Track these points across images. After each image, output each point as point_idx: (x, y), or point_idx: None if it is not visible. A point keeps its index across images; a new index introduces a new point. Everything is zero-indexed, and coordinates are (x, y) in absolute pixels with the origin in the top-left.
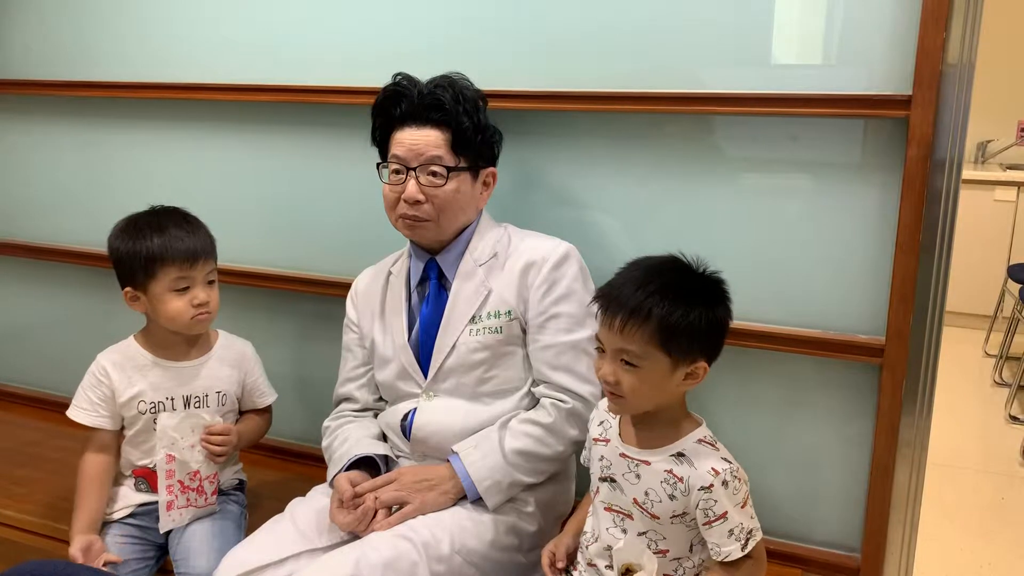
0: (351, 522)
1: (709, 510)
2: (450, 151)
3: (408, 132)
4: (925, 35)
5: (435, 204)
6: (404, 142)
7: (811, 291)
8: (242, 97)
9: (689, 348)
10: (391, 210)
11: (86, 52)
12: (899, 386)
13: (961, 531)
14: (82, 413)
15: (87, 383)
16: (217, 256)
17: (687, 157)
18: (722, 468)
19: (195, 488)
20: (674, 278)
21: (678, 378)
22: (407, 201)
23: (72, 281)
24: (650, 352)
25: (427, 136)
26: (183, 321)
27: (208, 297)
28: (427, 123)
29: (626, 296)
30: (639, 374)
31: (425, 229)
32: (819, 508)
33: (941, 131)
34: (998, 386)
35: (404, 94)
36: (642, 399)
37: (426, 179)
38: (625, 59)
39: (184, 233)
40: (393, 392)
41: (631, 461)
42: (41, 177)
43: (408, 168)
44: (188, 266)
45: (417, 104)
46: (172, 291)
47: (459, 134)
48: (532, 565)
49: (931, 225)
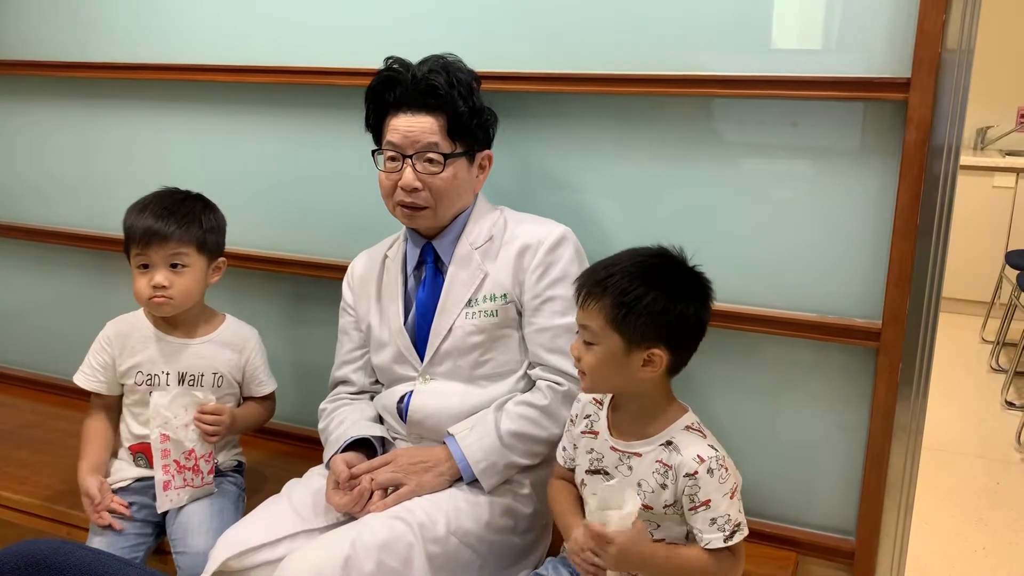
0: (347, 503)
1: (694, 496)
2: (446, 137)
3: (403, 119)
4: (925, 18)
5: (432, 191)
6: (399, 129)
7: (808, 275)
8: (240, 78)
9: (643, 332)
10: (388, 197)
11: (82, 33)
12: (895, 370)
13: (956, 515)
14: (82, 376)
15: (92, 348)
16: (211, 244)
17: (687, 141)
18: (708, 455)
19: (191, 468)
20: (645, 262)
21: (635, 363)
22: (404, 189)
23: (69, 263)
24: (605, 330)
25: (422, 123)
26: (141, 301)
27: (166, 281)
28: (422, 109)
29: (592, 275)
30: (596, 352)
31: (423, 217)
32: (814, 491)
33: (940, 115)
34: (995, 372)
35: (397, 79)
36: (600, 379)
37: (422, 166)
38: (625, 42)
39: (155, 215)
40: (389, 375)
41: (622, 454)
42: (37, 159)
43: (404, 155)
44: (143, 245)
45: (411, 90)
46: (136, 268)
47: (454, 119)
48: (527, 546)
49: (929, 210)
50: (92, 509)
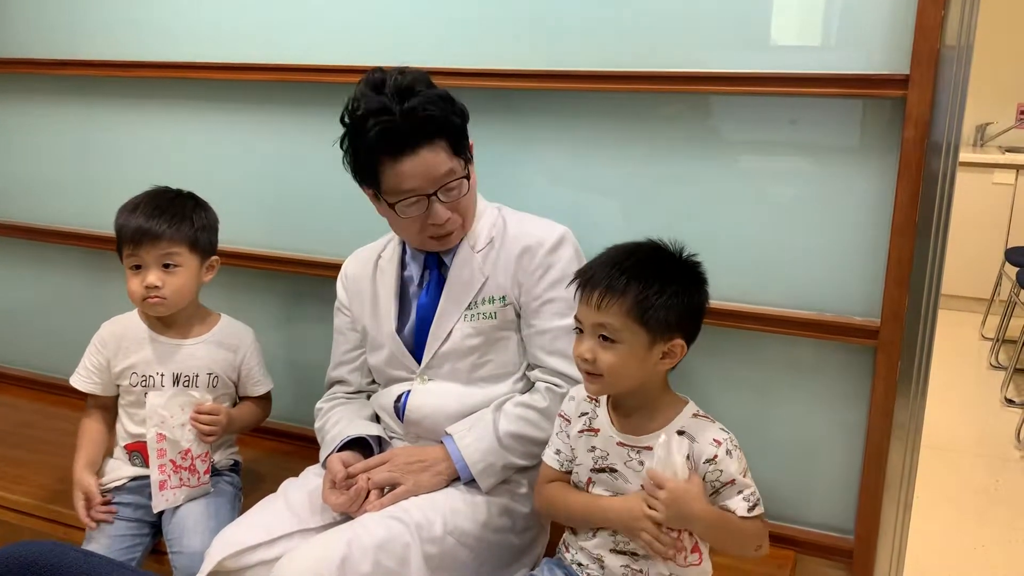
0: (344, 503)
1: (716, 480)
2: (453, 157)
3: (409, 163)
4: (923, 14)
5: (460, 212)
6: (415, 174)
7: (806, 273)
8: (235, 76)
9: (666, 323)
10: (416, 235)
11: (74, 31)
12: (894, 368)
13: (955, 513)
14: (78, 378)
15: (88, 350)
16: (203, 243)
17: (685, 139)
18: (723, 438)
19: (187, 467)
20: (650, 257)
21: (655, 356)
22: (437, 224)
23: (65, 262)
24: (628, 326)
25: (430, 157)
26: (135, 301)
27: (159, 281)
28: (423, 143)
29: (603, 273)
30: (617, 350)
31: (455, 238)
32: (813, 490)
33: (939, 112)
34: (994, 369)
35: (387, 127)
36: (619, 377)
37: (447, 196)
38: (624, 39)
39: (146, 215)
40: (385, 376)
41: (631, 449)
42: (33, 157)
43: (427, 195)
44: (134, 245)
45: (406, 131)
46: (128, 268)
47: (454, 138)
48: (525, 546)
49: (928, 207)
50: (83, 508)
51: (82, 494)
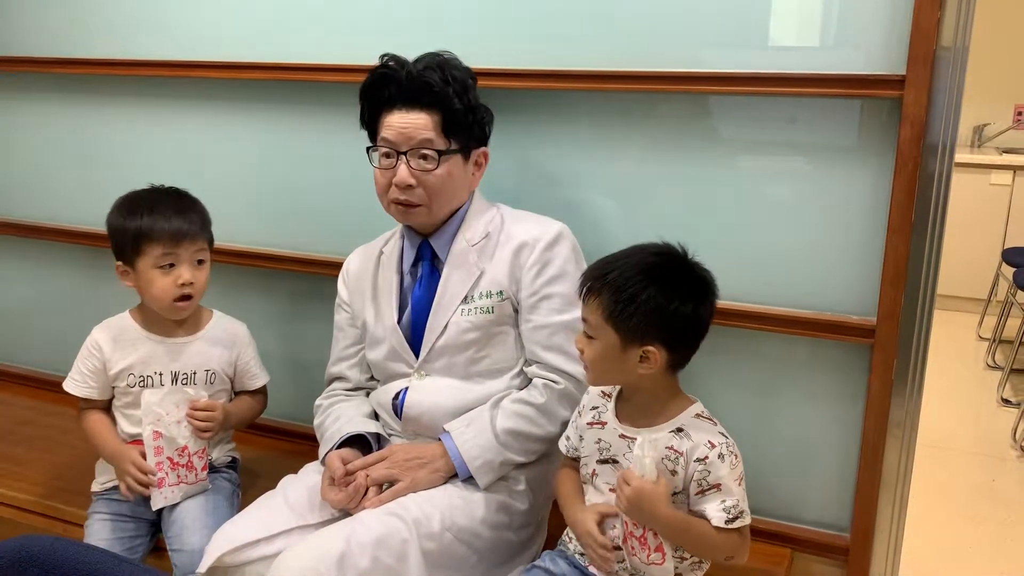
0: (342, 499)
1: (703, 480)
2: (440, 134)
3: (397, 116)
4: (920, 15)
5: (427, 188)
6: (394, 125)
7: (803, 271)
8: (235, 75)
9: (638, 328)
10: (383, 195)
11: (74, 29)
12: (890, 367)
13: (951, 512)
14: (72, 383)
15: (81, 355)
16: (213, 238)
17: (683, 138)
18: (719, 442)
19: (184, 464)
20: (645, 259)
21: (632, 359)
22: (398, 186)
23: (63, 260)
24: (602, 326)
25: (417, 119)
26: (166, 301)
27: (193, 277)
28: (416, 106)
29: (596, 270)
30: (595, 346)
31: (417, 214)
32: (809, 488)
33: (935, 112)
34: (991, 369)
35: (392, 77)
36: (601, 371)
37: (417, 163)
38: (622, 39)
39: (173, 212)
40: (384, 372)
41: (631, 441)
42: (32, 155)
43: (398, 152)
44: (173, 244)
45: (406, 87)
46: (157, 268)
47: (449, 116)
48: (523, 542)
49: (923, 206)
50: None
51: (131, 463)
